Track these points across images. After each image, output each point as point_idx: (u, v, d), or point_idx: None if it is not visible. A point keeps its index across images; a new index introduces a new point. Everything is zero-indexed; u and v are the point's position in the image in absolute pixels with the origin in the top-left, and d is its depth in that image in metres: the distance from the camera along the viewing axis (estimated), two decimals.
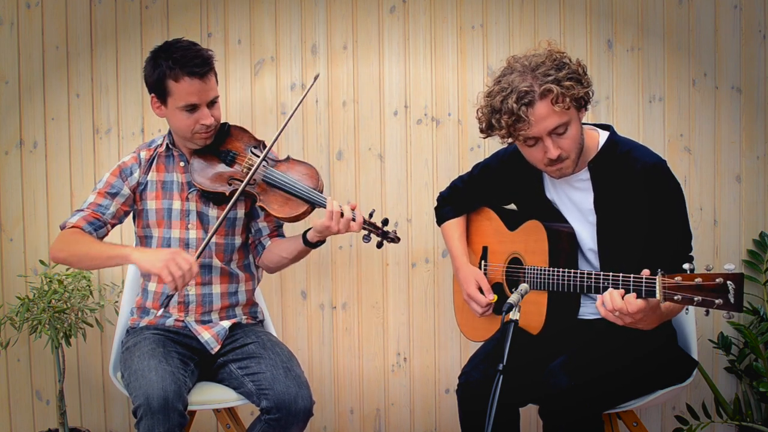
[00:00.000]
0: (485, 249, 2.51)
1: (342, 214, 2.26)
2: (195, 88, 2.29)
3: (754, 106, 3.01)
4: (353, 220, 2.27)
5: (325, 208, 2.29)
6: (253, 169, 2.32)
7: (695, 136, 3.03)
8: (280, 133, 2.37)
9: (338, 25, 3.07)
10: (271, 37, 3.07)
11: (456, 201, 2.58)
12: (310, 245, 2.39)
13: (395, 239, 2.35)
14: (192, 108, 2.32)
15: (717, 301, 1.72)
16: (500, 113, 2.06)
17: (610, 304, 1.89)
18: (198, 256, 2.24)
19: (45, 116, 3.07)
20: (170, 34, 3.04)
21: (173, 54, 2.29)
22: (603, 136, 2.22)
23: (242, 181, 2.35)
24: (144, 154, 2.47)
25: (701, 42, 3.01)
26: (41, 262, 2.95)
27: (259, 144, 2.49)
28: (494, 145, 2.96)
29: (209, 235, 2.30)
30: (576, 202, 2.24)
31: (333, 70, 3.07)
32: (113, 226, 2.43)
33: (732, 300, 1.70)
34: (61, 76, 3.06)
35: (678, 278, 1.79)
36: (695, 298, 1.75)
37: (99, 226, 2.38)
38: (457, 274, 2.51)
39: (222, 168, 2.42)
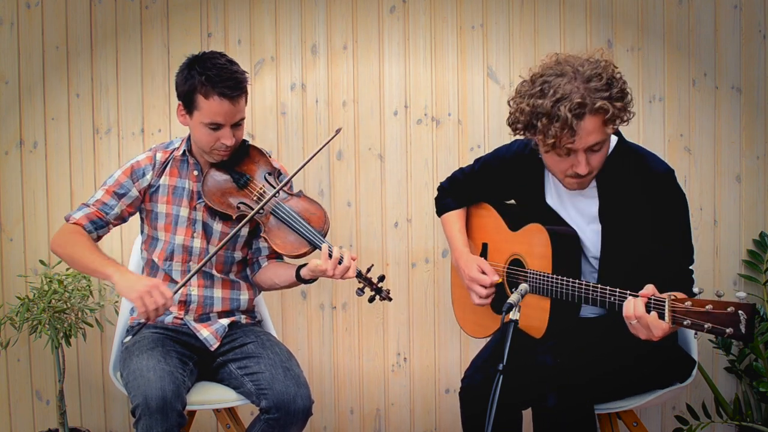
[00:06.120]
0: (485, 246, 2.50)
1: (340, 261, 2.24)
2: (223, 109, 2.27)
3: (754, 106, 3.01)
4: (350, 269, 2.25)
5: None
6: (263, 203, 2.33)
7: (695, 136, 3.03)
8: (297, 171, 2.40)
9: (338, 25, 3.07)
10: (271, 37, 3.07)
11: (456, 193, 2.56)
12: (302, 281, 2.39)
13: (388, 298, 2.35)
14: (216, 127, 2.30)
15: (728, 330, 1.69)
16: (549, 118, 1.95)
17: (632, 311, 1.87)
18: (176, 291, 2.24)
19: (45, 116, 3.07)
20: (170, 34, 3.05)
21: (208, 70, 2.26)
22: (612, 141, 2.17)
23: (251, 208, 2.37)
24: (160, 156, 2.45)
25: (701, 42, 3.01)
26: (41, 262, 2.94)
27: (274, 171, 2.48)
28: (495, 145, 2.96)
29: (199, 265, 2.30)
30: (580, 208, 2.21)
31: (333, 70, 3.07)
32: (115, 225, 2.45)
33: (743, 330, 1.67)
34: (61, 76, 3.06)
35: (688, 303, 1.76)
36: (705, 325, 1.72)
37: (101, 226, 2.40)
38: (458, 263, 2.46)
39: (233, 189, 2.42)
